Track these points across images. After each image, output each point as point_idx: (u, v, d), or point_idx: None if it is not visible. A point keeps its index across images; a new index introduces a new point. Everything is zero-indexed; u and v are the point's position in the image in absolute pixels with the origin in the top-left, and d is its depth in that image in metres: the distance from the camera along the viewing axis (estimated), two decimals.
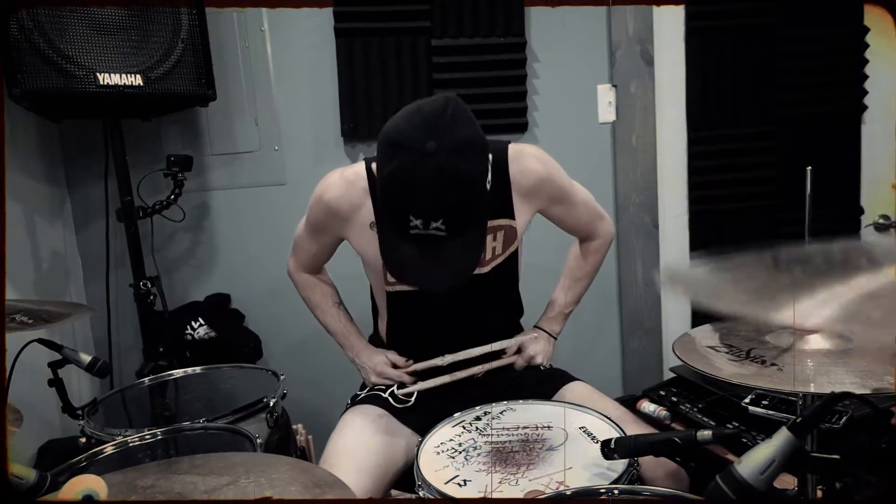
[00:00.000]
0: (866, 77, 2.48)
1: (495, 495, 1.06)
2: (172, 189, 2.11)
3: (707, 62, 2.42)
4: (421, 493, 1.11)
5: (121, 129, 2.01)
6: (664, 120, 2.44)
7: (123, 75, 1.84)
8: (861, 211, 2.56)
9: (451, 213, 1.13)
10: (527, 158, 1.41)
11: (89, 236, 2.35)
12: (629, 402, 1.71)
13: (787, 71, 2.45)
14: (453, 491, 1.08)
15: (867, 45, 2.45)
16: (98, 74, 1.80)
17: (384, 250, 1.21)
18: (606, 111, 2.40)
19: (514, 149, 1.41)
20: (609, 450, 1.06)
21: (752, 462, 0.73)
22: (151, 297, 2.08)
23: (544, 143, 2.41)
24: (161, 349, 2.10)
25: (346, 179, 1.38)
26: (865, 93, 2.49)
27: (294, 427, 1.85)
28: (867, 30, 2.45)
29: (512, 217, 1.41)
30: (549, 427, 1.28)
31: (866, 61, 2.46)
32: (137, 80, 1.86)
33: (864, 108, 2.50)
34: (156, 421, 1.62)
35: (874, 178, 2.54)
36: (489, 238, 1.40)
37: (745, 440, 1.23)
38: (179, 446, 1.37)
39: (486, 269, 1.43)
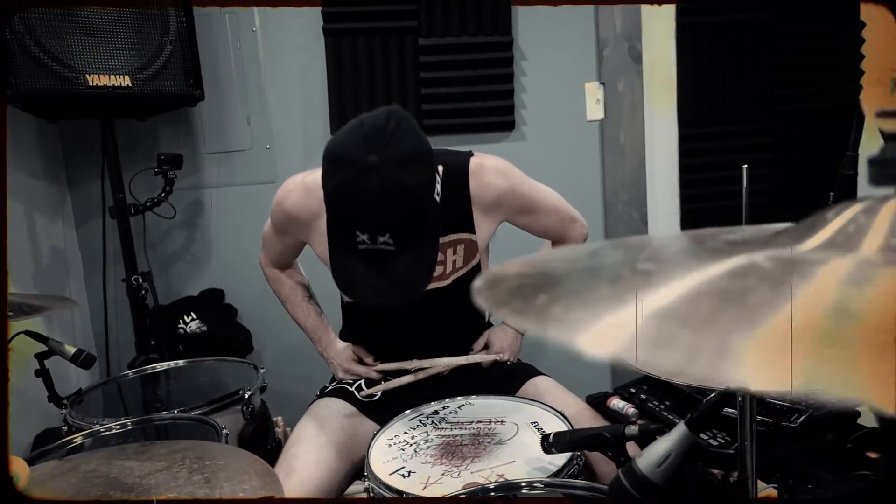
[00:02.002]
0: (863, 73, 2.43)
1: (435, 487, 1.08)
2: (163, 187, 2.17)
3: (698, 59, 2.40)
4: (366, 484, 1.14)
5: (113, 128, 2.08)
6: (655, 118, 2.43)
7: (112, 76, 1.90)
8: None
9: (397, 226, 1.11)
10: (487, 173, 1.39)
11: (89, 233, 2.43)
12: (601, 399, 1.71)
13: (782, 67, 2.42)
14: (396, 482, 1.11)
15: (863, 40, 2.41)
16: (87, 76, 1.87)
17: (333, 266, 1.19)
18: (594, 109, 2.40)
19: (475, 163, 1.40)
20: (548, 444, 1.07)
21: (650, 456, 0.75)
22: (143, 292, 2.15)
23: (532, 140, 2.43)
24: (153, 342, 2.17)
25: (306, 187, 1.39)
26: (861, 87, 2.45)
27: (274, 419, 1.89)
28: (863, 24, 2.40)
29: (472, 231, 1.41)
30: (502, 422, 1.30)
31: (862, 56, 2.42)
32: (126, 81, 1.92)
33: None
34: (133, 411, 1.67)
35: None
36: (449, 252, 1.40)
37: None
38: (149, 436, 1.42)
39: (446, 283, 1.43)
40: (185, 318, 2.30)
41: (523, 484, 0.95)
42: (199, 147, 2.41)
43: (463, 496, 0.95)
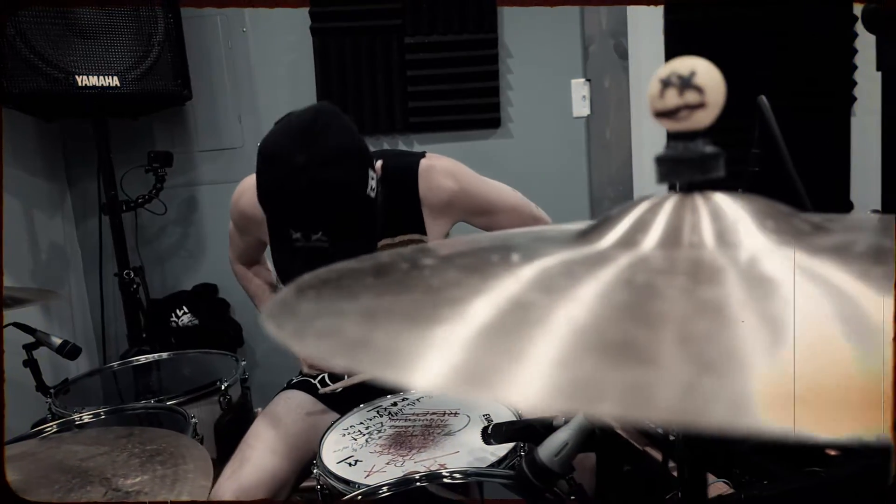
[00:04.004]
0: (855, 67, 2.40)
1: (378, 475, 1.12)
2: (154, 184, 2.23)
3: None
4: (314, 472, 1.17)
5: (106, 126, 2.14)
6: (642, 114, 2.42)
7: (101, 77, 1.96)
8: (851, 206, 2.49)
9: (329, 224, 1.11)
10: (436, 175, 1.38)
11: (88, 229, 2.50)
12: None
13: (772, 63, 2.39)
14: (342, 469, 1.15)
15: (856, 34, 2.38)
16: (77, 77, 1.93)
17: (275, 262, 1.20)
18: (580, 105, 2.41)
19: (424, 164, 1.39)
20: (487, 435, 1.09)
21: (549, 445, 0.77)
22: (135, 286, 2.21)
23: (518, 137, 2.44)
24: (144, 335, 2.24)
25: None
26: (855, 83, 2.42)
27: (256, 410, 1.94)
28: (856, 18, 2.37)
29: (423, 233, 1.41)
30: (455, 414, 1.32)
31: (855, 51, 2.39)
32: (115, 81, 1.98)
33: (854, 98, 2.43)
34: (115, 401, 1.72)
35: (864, 172, 2.46)
36: None
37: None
38: (122, 425, 1.47)
39: None
40: (178, 311, 2.37)
41: (445, 473, 0.98)
42: (192, 145, 2.47)
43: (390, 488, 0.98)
